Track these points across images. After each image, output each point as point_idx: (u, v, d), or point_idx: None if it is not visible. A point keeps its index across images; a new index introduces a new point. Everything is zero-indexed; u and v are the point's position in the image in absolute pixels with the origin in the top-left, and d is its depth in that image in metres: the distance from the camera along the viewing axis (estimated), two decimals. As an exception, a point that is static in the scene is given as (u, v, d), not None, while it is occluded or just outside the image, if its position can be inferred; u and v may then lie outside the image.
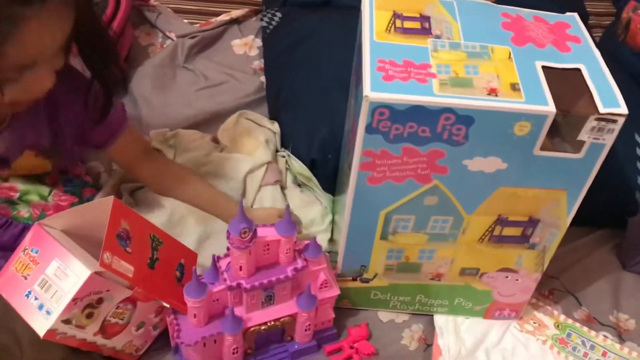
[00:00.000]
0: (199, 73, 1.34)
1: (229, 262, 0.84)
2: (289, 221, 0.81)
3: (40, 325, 0.73)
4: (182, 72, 1.35)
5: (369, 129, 0.71)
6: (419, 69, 0.72)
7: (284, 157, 1.13)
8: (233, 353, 0.86)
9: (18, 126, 0.88)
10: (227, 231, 0.79)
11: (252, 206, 1.07)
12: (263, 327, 0.86)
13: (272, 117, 1.20)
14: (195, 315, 0.82)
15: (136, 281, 0.77)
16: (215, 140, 1.18)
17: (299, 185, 1.12)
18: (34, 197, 0.97)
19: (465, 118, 0.69)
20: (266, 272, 0.83)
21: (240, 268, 0.81)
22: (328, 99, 1.11)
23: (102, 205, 0.77)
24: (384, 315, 0.98)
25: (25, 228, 0.94)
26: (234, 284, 0.81)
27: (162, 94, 1.30)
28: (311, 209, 1.07)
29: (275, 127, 1.16)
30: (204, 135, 1.19)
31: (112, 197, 0.77)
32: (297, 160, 1.11)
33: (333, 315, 0.92)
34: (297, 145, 1.12)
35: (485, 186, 0.78)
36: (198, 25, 1.47)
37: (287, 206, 0.83)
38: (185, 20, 1.48)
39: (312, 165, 1.10)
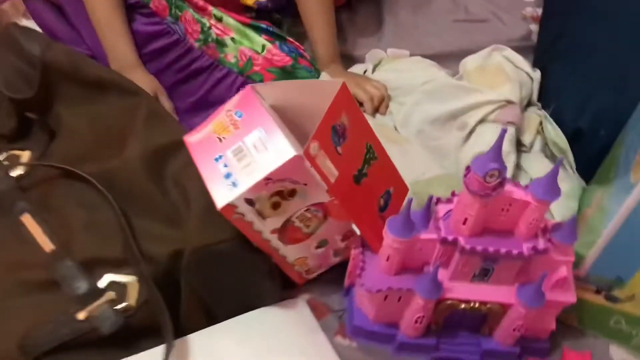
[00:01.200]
0: (461, 3, 1.15)
1: (449, 210, 0.65)
2: (554, 184, 0.60)
3: (222, 195, 0.60)
4: (443, 0, 1.17)
5: None
6: None
7: (538, 116, 0.90)
8: (415, 321, 0.67)
9: None
10: (467, 168, 0.60)
11: (464, 142, 0.86)
12: (463, 305, 0.66)
13: (537, 66, 0.97)
14: (388, 258, 0.65)
15: (336, 190, 0.61)
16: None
17: (547, 157, 0.88)
18: (244, 43, 0.91)
19: None
20: (495, 239, 0.63)
21: (465, 221, 0.62)
22: (619, 57, 0.85)
23: (326, 87, 0.62)
24: (618, 354, 0.73)
25: (229, 73, 0.91)
26: (451, 237, 0.62)
27: (414, 15, 1.13)
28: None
29: (537, 75, 0.93)
30: (440, 68, 0.99)
31: (341, 81, 0.61)
32: (555, 125, 0.88)
33: (553, 327, 0.70)
34: (562, 106, 0.88)
35: None
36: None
37: (560, 161, 0.61)
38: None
39: (574, 136, 0.86)
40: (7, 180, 0.69)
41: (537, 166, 0.85)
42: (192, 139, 0.66)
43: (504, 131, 0.55)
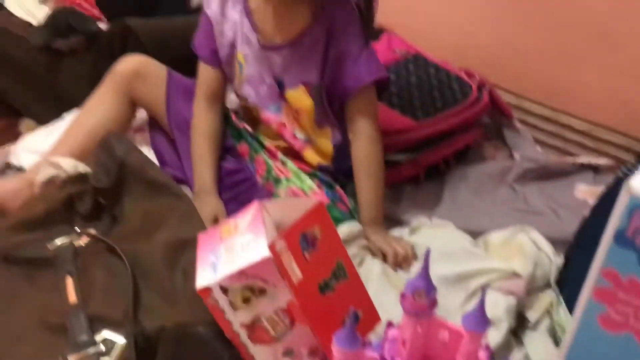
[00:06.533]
0: (521, 194, 1.23)
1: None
2: (482, 314, 0.63)
3: (203, 279, 0.72)
4: (505, 189, 1.26)
5: (620, 239, 0.51)
6: None
7: (551, 297, 0.91)
8: None
9: (300, 51, 1.02)
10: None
11: (465, 304, 0.90)
12: None
13: (566, 253, 1.00)
14: (335, 372, 0.70)
15: (298, 292, 0.70)
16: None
17: (555, 340, 0.88)
18: (296, 183, 1.07)
19: None
20: (433, 370, 0.66)
21: (403, 343, 0.66)
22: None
23: (308, 204, 0.74)
24: None
25: None
26: (389, 358, 0.67)
27: (473, 197, 1.23)
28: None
29: (558, 260, 0.96)
30: (471, 241, 1.05)
31: (320, 201, 0.73)
32: (567, 311, 0.88)
33: None
34: (576, 292, 0.89)
35: None
36: (552, 158, 1.36)
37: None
38: (539, 149, 1.39)
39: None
40: (70, 247, 0.87)
41: (538, 345, 0.86)
42: (203, 234, 0.80)
43: (428, 252, 0.62)
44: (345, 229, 0.97)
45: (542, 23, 1.56)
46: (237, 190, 1.11)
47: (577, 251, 0.97)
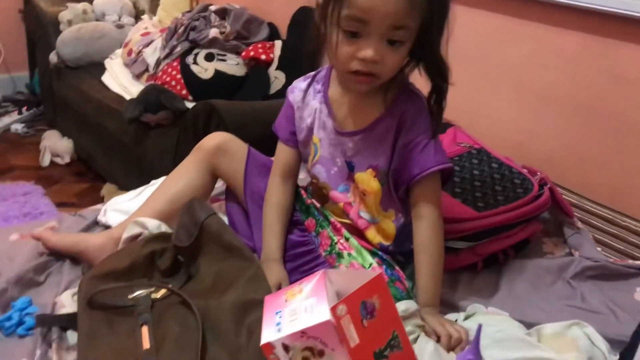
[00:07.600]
0: (579, 292, 1.24)
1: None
2: None
3: (267, 335, 0.79)
4: (563, 285, 1.27)
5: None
6: None
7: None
8: None
9: (371, 138, 1.11)
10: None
11: None
12: None
13: (621, 352, 0.99)
14: None
15: (355, 357, 0.75)
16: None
17: None
18: (357, 259, 1.12)
19: None
20: None
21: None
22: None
23: (369, 275, 0.80)
24: None
25: None
26: None
27: (530, 291, 1.24)
28: None
29: (613, 358, 0.96)
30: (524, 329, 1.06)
31: (380, 272, 0.79)
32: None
33: None
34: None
35: None
36: (612, 260, 1.37)
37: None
38: (599, 249, 1.40)
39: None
40: (147, 299, 0.96)
41: None
42: (269, 297, 0.87)
43: (480, 327, 0.66)
44: (402, 306, 1.00)
45: (605, 127, 1.62)
46: (301, 261, 1.17)
47: (632, 352, 0.97)
